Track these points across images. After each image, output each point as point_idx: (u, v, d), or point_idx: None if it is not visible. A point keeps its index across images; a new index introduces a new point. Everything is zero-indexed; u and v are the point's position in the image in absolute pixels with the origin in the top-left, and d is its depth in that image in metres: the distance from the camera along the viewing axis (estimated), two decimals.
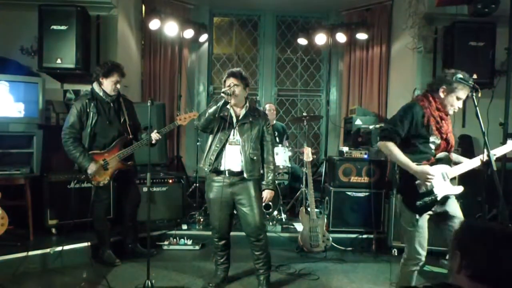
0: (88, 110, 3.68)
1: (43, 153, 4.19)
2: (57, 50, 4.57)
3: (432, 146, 2.69)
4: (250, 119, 3.26)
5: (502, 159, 4.28)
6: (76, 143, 3.65)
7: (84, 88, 5.00)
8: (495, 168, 2.50)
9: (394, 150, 2.64)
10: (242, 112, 3.28)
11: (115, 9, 5.13)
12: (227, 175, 3.20)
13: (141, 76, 6.42)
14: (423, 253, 2.70)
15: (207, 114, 3.16)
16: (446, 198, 2.70)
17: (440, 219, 2.74)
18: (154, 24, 6.02)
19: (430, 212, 2.69)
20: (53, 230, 4.27)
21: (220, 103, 3.11)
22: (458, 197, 2.78)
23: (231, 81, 3.20)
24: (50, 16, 4.56)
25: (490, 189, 2.51)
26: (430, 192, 2.64)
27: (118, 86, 3.75)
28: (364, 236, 4.58)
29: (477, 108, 2.55)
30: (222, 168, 3.20)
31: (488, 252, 1.20)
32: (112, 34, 5.18)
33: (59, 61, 4.58)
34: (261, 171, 3.34)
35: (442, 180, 2.69)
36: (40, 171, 4.16)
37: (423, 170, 2.58)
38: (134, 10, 5.98)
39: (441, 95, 2.68)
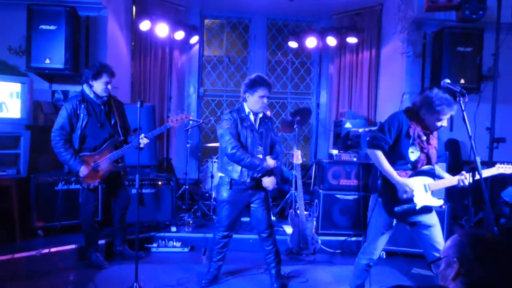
0: (78, 112, 3.64)
1: (30, 154, 4.14)
2: (46, 50, 4.53)
3: (412, 157, 2.80)
4: (265, 127, 3.41)
5: (489, 163, 4.35)
6: (67, 145, 3.61)
7: (73, 89, 4.96)
8: (481, 173, 2.55)
9: (381, 159, 2.78)
10: (257, 120, 3.40)
11: (105, 9, 5.10)
12: (249, 180, 3.33)
13: (131, 77, 6.38)
14: (377, 253, 2.96)
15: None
16: (426, 209, 2.80)
17: (416, 226, 2.86)
18: (144, 26, 6.00)
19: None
20: (40, 232, 4.21)
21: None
22: (446, 200, 2.85)
23: (265, 93, 3.27)
24: (39, 16, 4.51)
25: (476, 193, 2.55)
26: (410, 200, 2.76)
27: (109, 86, 3.72)
28: (353, 238, 4.60)
29: (464, 112, 2.58)
30: (255, 175, 3.33)
31: (488, 261, 1.24)
32: (102, 35, 5.14)
33: (47, 61, 4.53)
34: None
35: (424, 191, 2.80)
36: (27, 172, 4.11)
37: (404, 182, 2.73)
38: (124, 11, 5.95)
39: (423, 117, 2.81)
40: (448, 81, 2.71)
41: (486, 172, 2.80)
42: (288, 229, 4.56)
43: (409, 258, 4.15)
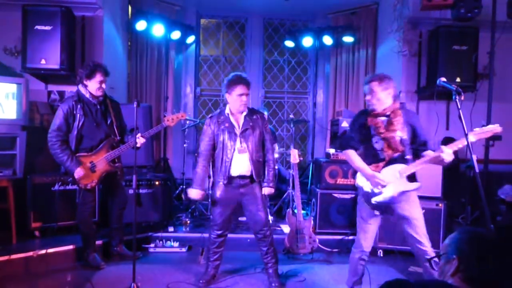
0: (74, 112, 3.63)
1: (26, 154, 4.12)
2: (41, 50, 4.52)
3: (378, 146, 2.92)
4: (251, 124, 3.39)
5: (485, 161, 4.37)
6: (64, 146, 3.60)
7: (69, 89, 4.95)
8: (477, 170, 2.56)
9: (352, 157, 3.01)
10: (241, 119, 3.39)
11: (101, 9, 5.09)
12: (238, 179, 3.37)
13: (128, 77, 6.36)
14: (367, 245, 3.04)
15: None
16: (404, 196, 2.84)
17: (400, 220, 2.94)
18: (140, 25, 5.98)
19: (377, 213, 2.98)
20: (37, 233, 4.20)
21: None
22: (443, 198, 2.84)
23: (243, 91, 3.29)
24: (34, 16, 4.50)
25: (473, 191, 2.56)
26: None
27: (104, 85, 3.71)
28: (351, 237, 4.60)
29: (460, 111, 2.60)
30: (234, 175, 3.35)
31: (485, 259, 1.29)
32: (98, 35, 5.13)
33: (43, 61, 4.52)
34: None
35: (397, 179, 2.86)
36: (24, 173, 4.09)
37: (374, 176, 2.87)
38: (120, 10, 5.93)
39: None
40: (444, 79, 2.72)
41: (463, 141, 2.65)
42: (286, 228, 4.57)
43: (406, 256, 4.16)
